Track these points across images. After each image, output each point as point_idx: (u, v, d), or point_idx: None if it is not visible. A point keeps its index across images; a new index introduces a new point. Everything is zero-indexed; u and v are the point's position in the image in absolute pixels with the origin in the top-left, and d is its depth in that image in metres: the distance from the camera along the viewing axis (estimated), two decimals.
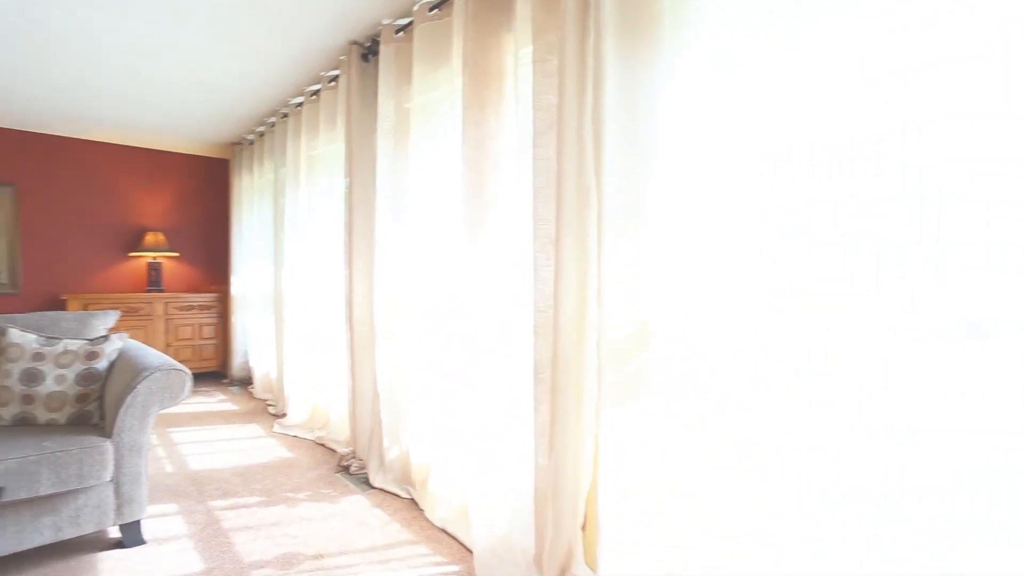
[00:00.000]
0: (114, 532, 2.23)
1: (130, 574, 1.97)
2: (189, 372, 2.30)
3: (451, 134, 2.43)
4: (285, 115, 4.06)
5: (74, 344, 2.36)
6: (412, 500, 2.58)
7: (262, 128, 4.56)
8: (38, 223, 4.92)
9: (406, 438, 2.72)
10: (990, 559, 1.02)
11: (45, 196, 4.94)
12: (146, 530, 2.25)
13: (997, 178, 1.02)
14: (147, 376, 2.16)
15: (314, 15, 2.68)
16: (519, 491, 1.90)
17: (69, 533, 2.03)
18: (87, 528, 2.06)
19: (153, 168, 5.47)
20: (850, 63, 1.22)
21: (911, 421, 1.12)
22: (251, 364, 5.08)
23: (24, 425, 2.20)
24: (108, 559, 2.07)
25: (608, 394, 1.54)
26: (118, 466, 2.11)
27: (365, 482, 2.79)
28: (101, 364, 2.34)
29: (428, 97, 2.59)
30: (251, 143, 4.92)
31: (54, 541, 2.00)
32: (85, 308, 4.78)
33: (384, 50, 2.70)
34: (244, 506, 2.50)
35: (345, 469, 2.96)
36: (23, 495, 1.89)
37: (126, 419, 2.12)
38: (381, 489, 2.69)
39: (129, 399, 2.12)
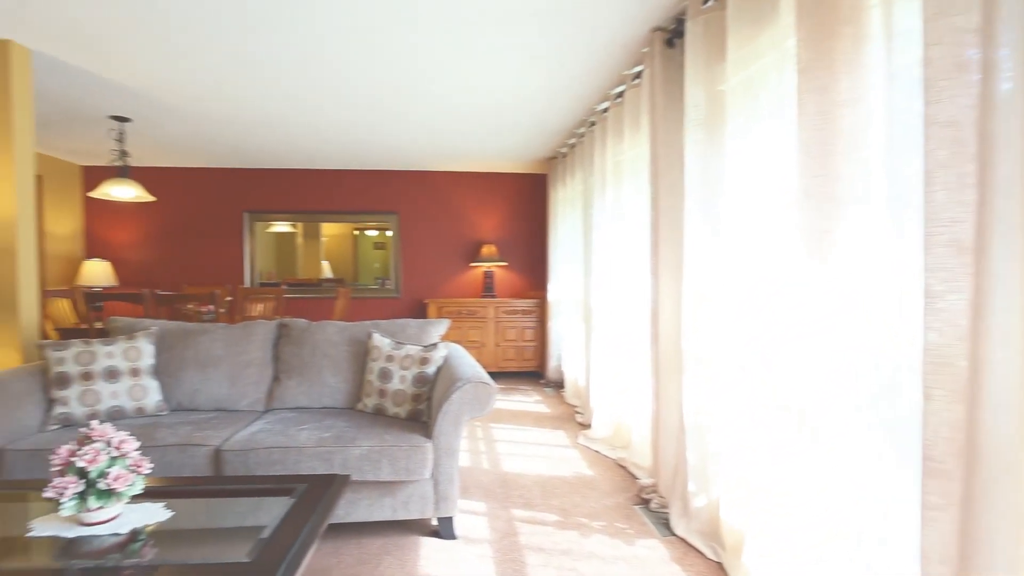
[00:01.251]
0: (434, 521, 2.46)
1: (439, 565, 2.11)
2: (495, 385, 2.38)
3: (781, 113, 1.88)
4: (592, 123, 4.05)
5: (413, 349, 2.72)
6: (719, 564, 2.12)
7: (573, 140, 4.68)
8: (411, 241, 6.22)
9: (716, 487, 2.27)
10: None
11: (415, 219, 6.21)
12: (458, 525, 2.42)
13: None
14: (459, 387, 2.31)
15: (613, 8, 2.48)
16: None
17: (401, 515, 2.31)
18: (414, 514, 2.31)
19: (487, 188, 6.30)
20: None
21: None
22: (563, 368, 5.32)
23: (379, 415, 2.63)
24: (427, 545, 2.28)
25: None
26: (436, 465, 2.31)
27: (665, 524, 2.45)
28: (430, 369, 2.64)
29: (748, 72, 2.08)
30: (564, 155, 5.14)
31: (392, 519, 2.31)
32: (439, 311, 5.79)
33: (691, 27, 2.31)
34: (541, 522, 2.48)
35: (644, 503, 2.68)
36: (370, 478, 2.22)
37: (443, 424, 2.31)
38: (682, 539, 2.31)
39: (445, 407, 2.30)
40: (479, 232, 6.29)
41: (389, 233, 6.26)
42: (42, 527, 1.46)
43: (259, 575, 1.21)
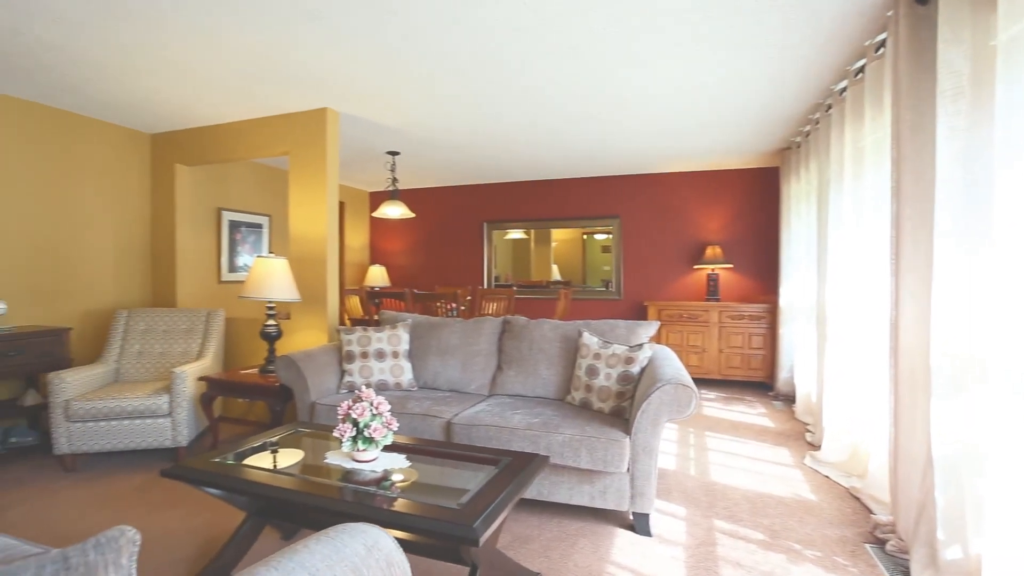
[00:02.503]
0: (630, 516, 2.53)
1: (629, 556, 2.19)
2: (695, 390, 2.35)
3: None
4: (829, 107, 3.58)
5: (619, 349, 2.83)
6: None
7: (807, 127, 4.19)
8: (632, 244, 6.30)
9: (979, 540, 1.85)
10: None
11: (636, 222, 6.27)
12: (654, 524, 2.45)
13: None
14: (659, 388, 2.35)
15: None
16: None
17: (598, 503, 2.45)
18: (610, 504, 2.43)
19: (711, 187, 6.00)
20: None
21: None
22: (795, 381, 4.78)
23: (584, 408, 2.82)
24: (621, 537, 2.37)
25: None
26: (633, 461, 2.38)
27: (904, 573, 2.08)
28: (635, 369, 2.71)
29: None
30: (798, 146, 4.62)
31: (589, 505, 2.47)
32: (659, 313, 5.74)
33: None
34: (743, 538, 2.35)
35: (879, 543, 2.31)
36: (570, 463, 2.42)
37: (641, 423, 2.38)
38: None
39: (644, 406, 2.37)
40: (702, 233, 6.04)
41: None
42: (332, 457, 2.02)
43: (461, 520, 1.49)
